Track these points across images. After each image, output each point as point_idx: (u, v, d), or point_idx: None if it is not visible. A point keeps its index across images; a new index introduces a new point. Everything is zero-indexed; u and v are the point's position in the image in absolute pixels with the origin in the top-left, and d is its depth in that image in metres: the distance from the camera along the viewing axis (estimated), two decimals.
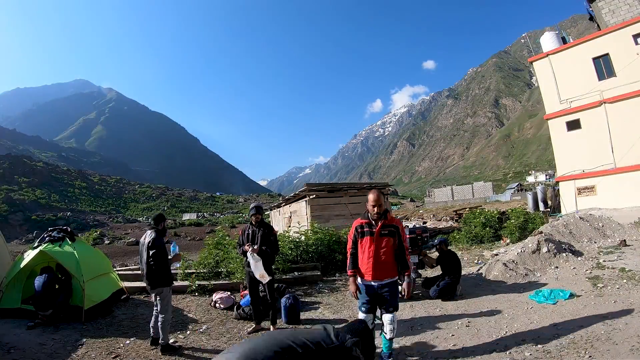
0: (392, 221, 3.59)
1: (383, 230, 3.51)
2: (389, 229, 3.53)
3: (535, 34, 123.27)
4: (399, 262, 3.58)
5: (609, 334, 3.68)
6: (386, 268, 3.50)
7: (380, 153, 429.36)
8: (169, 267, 4.37)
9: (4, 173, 74.16)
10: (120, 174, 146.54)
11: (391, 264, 3.53)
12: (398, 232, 3.57)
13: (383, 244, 3.49)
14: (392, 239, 3.52)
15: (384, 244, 3.50)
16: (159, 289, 4.21)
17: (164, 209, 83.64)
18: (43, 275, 5.16)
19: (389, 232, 3.52)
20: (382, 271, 3.48)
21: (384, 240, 3.50)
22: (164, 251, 4.28)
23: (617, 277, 5.69)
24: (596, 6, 15.02)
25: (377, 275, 3.48)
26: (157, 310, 4.24)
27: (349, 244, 3.74)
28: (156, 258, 4.14)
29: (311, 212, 13.20)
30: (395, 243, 3.55)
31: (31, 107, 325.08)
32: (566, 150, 14.91)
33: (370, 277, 3.49)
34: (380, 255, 3.48)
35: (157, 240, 4.23)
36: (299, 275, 7.65)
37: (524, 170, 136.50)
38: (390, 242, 3.52)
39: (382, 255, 3.48)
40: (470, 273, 7.45)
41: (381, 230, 3.51)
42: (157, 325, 4.19)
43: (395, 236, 3.54)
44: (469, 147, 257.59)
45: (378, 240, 3.50)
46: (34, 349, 4.11)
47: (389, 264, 3.52)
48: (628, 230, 9.56)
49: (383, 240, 3.50)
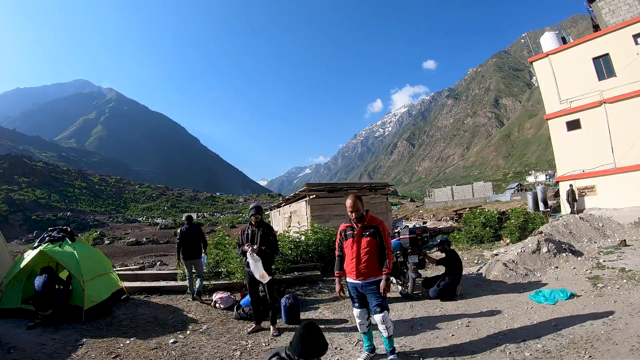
0: (372, 222, 3.74)
1: (364, 231, 3.69)
2: (369, 229, 3.69)
3: (535, 34, 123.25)
4: (381, 262, 3.69)
5: (609, 334, 3.68)
6: (369, 267, 3.64)
7: (380, 153, 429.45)
8: (200, 247, 6.77)
9: (4, 173, 74.19)
10: (120, 174, 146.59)
11: (374, 264, 3.67)
12: (379, 232, 3.70)
13: (365, 245, 3.66)
14: (373, 240, 3.67)
15: (365, 244, 3.66)
16: (196, 259, 6.65)
17: (164, 208, 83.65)
18: (43, 275, 5.16)
19: (370, 233, 3.68)
20: (365, 270, 3.64)
21: (365, 241, 3.66)
22: (195, 236, 6.74)
23: (617, 277, 5.70)
24: (596, 6, 15.02)
25: (360, 275, 3.65)
26: (195, 273, 6.62)
27: (337, 247, 3.95)
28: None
29: (311, 212, 13.20)
30: (378, 243, 3.69)
31: (31, 107, 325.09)
32: (566, 150, 14.92)
33: (354, 277, 3.68)
34: (362, 256, 3.65)
35: (189, 230, 6.75)
36: (299, 275, 7.65)
37: (524, 170, 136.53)
38: (372, 242, 3.67)
39: (364, 256, 3.65)
40: (470, 273, 7.45)
41: (362, 232, 3.69)
42: (194, 284, 6.52)
43: (376, 237, 3.68)
44: (469, 147, 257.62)
45: (359, 241, 3.68)
46: (34, 349, 4.10)
47: (372, 263, 3.66)
48: (628, 230, 9.57)
49: (364, 241, 3.67)
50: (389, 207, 16.22)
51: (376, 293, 3.59)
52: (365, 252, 3.64)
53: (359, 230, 3.69)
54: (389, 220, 15.50)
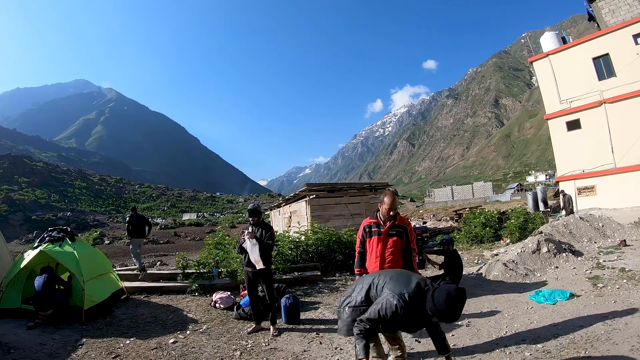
0: (401, 222, 3.61)
1: (391, 230, 3.54)
2: (397, 229, 3.55)
3: (535, 34, 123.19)
4: (406, 263, 3.57)
5: (609, 334, 3.68)
6: (393, 268, 3.49)
7: (380, 153, 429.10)
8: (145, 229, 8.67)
9: (4, 173, 74.14)
10: (120, 174, 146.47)
11: (399, 264, 3.53)
12: (406, 232, 3.57)
13: (390, 244, 3.52)
14: (399, 240, 3.54)
15: (391, 244, 3.52)
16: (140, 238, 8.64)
17: (164, 208, 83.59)
18: (43, 275, 5.16)
19: (397, 232, 3.54)
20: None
21: (391, 241, 3.53)
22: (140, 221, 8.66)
23: (617, 277, 5.70)
24: (596, 6, 15.03)
25: None
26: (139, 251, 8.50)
27: (358, 243, 3.77)
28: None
29: (311, 212, 13.19)
30: (403, 244, 3.57)
31: (31, 107, 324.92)
32: (566, 150, 14.91)
33: None
34: (387, 255, 3.51)
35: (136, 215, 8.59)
36: (299, 275, 7.66)
37: (524, 170, 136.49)
38: (398, 242, 3.54)
39: (388, 255, 3.51)
40: (470, 273, 7.45)
41: (389, 230, 3.54)
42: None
43: (403, 237, 3.55)
44: (469, 147, 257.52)
45: (385, 240, 3.53)
46: (34, 349, 4.10)
47: (397, 264, 3.52)
48: (628, 230, 9.56)
49: (390, 240, 3.53)
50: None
51: None
52: (390, 252, 3.50)
53: (386, 228, 3.54)
54: None
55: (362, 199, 14.43)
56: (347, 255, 9.03)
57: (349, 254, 9.10)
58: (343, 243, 9.07)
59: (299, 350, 4.12)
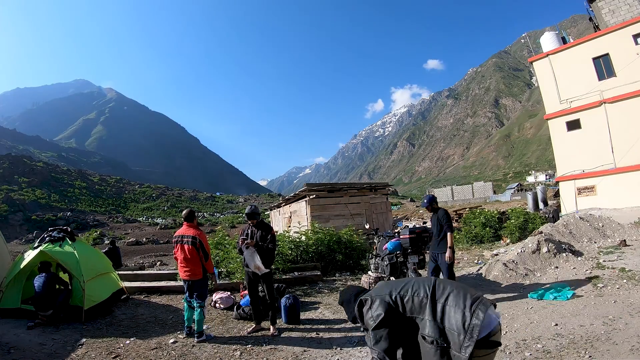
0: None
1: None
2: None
3: (535, 34, 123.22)
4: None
5: (609, 334, 3.68)
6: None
7: (380, 153, 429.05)
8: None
9: (4, 173, 74.12)
10: (120, 174, 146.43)
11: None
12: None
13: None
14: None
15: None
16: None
17: (164, 208, 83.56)
18: (43, 275, 5.16)
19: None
20: None
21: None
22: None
23: (617, 277, 5.69)
24: (596, 6, 15.01)
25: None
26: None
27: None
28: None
29: (311, 212, 13.19)
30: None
31: (31, 107, 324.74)
32: (566, 150, 14.89)
33: None
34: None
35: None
36: (299, 275, 7.65)
37: (524, 170, 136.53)
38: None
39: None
40: (470, 273, 7.45)
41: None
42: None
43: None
44: (469, 147, 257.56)
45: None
46: (34, 349, 4.10)
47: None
48: (628, 230, 9.56)
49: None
50: (389, 207, 16.21)
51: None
52: None
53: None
54: (389, 220, 15.50)
55: (362, 199, 14.43)
56: (347, 255, 9.03)
57: (349, 254, 9.09)
58: (343, 243, 9.07)
59: (299, 350, 4.12)
